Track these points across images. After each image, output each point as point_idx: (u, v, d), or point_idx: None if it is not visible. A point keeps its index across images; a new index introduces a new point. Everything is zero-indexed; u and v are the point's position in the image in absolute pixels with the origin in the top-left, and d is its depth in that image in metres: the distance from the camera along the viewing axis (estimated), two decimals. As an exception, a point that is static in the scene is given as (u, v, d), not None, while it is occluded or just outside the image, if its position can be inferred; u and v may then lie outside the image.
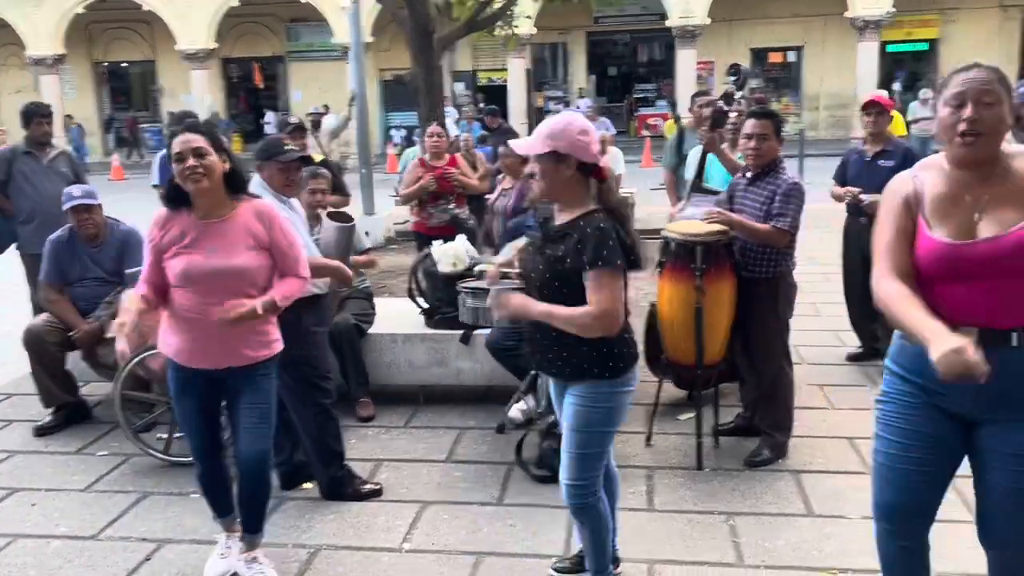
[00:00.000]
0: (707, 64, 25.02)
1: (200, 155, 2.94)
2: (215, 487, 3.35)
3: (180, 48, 24.96)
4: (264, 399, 3.19)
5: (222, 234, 3.04)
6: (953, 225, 2.26)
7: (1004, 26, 24.17)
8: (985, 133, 2.21)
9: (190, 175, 2.93)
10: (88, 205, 4.92)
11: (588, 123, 2.71)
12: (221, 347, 3.07)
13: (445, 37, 8.29)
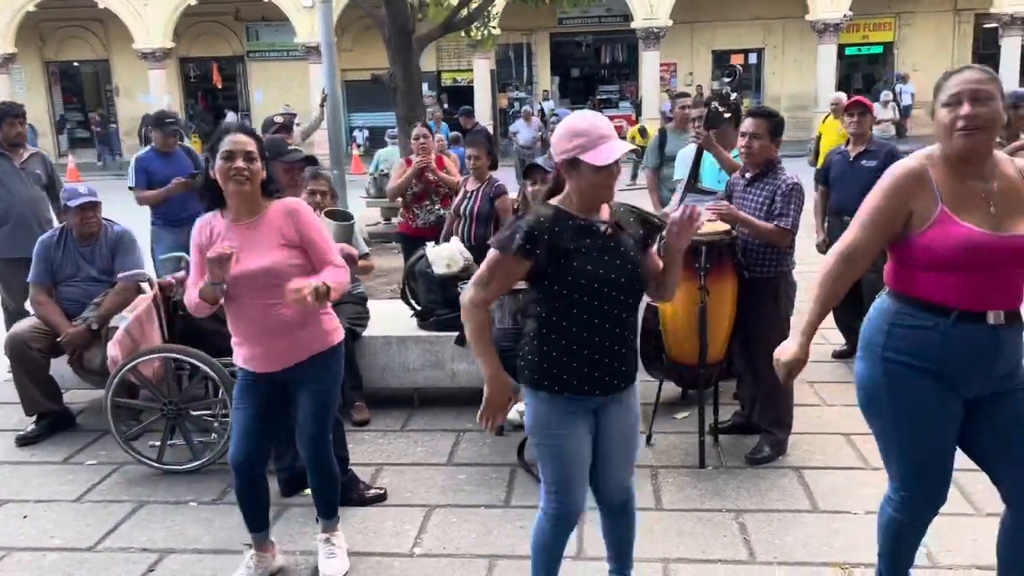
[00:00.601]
0: (669, 66, 25.26)
1: (250, 159, 2.94)
2: (252, 500, 3.28)
3: (137, 47, 24.47)
4: (319, 396, 3.20)
5: (250, 237, 3.03)
6: (978, 217, 2.37)
7: (958, 29, 24.77)
8: (982, 128, 2.35)
9: (235, 175, 2.92)
10: (94, 203, 4.82)
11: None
12: (278, 351, 3.08)
13: (423, 37, 8.24)
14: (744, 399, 4.59)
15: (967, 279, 2.39)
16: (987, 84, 2.38)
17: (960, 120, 2.35)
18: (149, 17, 24.36)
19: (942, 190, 2.41)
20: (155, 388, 4.24)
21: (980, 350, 2.42)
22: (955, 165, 2.44)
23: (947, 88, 2.42)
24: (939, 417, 2.51)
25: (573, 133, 2.49)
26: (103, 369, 4.61)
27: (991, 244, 2.35)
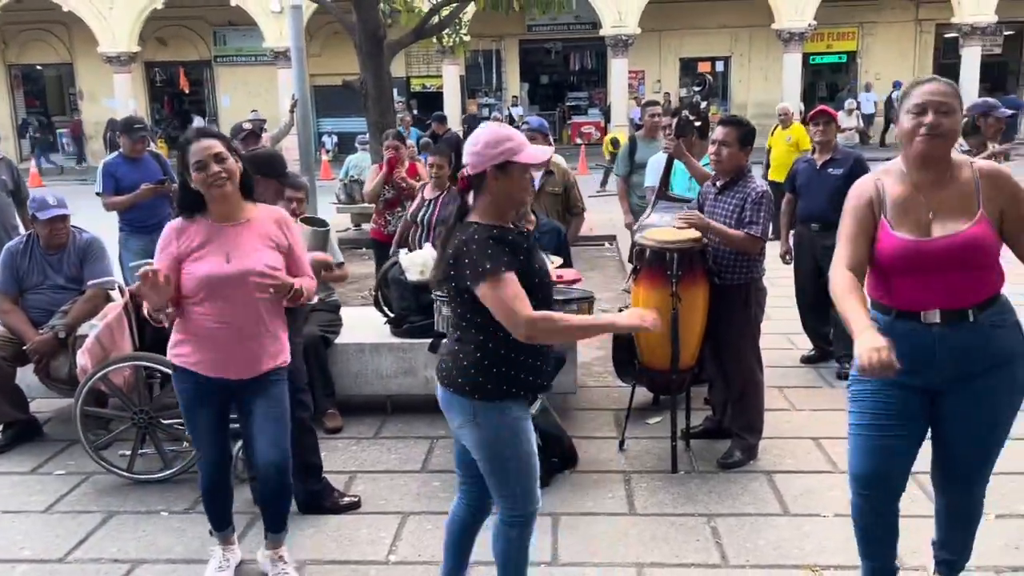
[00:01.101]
0: (637, 73, 25.45)
1: (221, 160, 2.95)
2: (220, 501, 3.32)
3: (102, 51, 24.14)
4: (279, 404, 3.20)
5: (238, 238, 3.04)
6: (911, 223, 2.59)
7: (919, 39, 25.25)
8: (941, 135, 2.53)
9: (215, 181, 2.93)
10: (65, 215, 4.77)
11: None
12: (245, 356, 3.07)
13: (394, 43, 8.24)
14: (715, 404, 4.65)
15: (905, 282, 2.61)
16: (950, 97, 2.56)
17: (923, 128, 2.52)
18: (114, 20, 24.04)
19: (887, 202, 2.63)
20: (126, 397, 4.19)
21: (918, 347, 2.60)
22: (911, 173, 2.62)
23: (912, 97, 2.58)
24: (876, 404, 2.70)
25: (499, 139, 2.53)
26: (71, 378, 4.56)
27: (920, 248, 2.56)
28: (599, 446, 4.53)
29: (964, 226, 2.53)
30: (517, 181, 2.58)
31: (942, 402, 2.69)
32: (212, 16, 26.00)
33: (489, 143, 2.55)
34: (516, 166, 2.54)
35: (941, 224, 2.56)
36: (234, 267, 2.99)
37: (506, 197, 2.59)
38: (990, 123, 5.57)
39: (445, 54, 23.03)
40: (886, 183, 2.66)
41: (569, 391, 4.99)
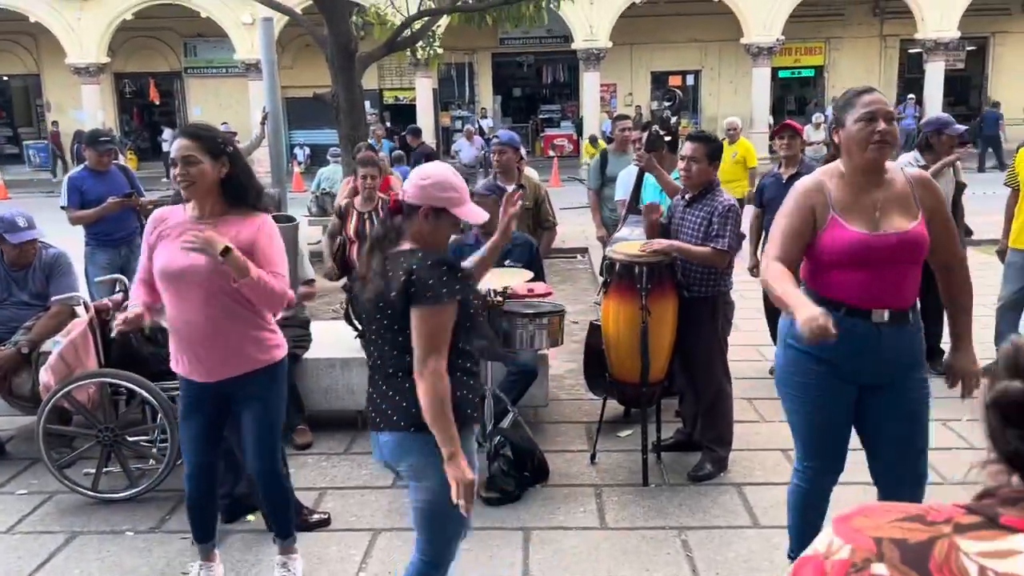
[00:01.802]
0: (609, 86, 25.63)
1: (189, 163, 2.92)
2: (202, 513, 3.27)
3: (70, 62, 23.87)
4: (265, 411, 3.15)
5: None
6: (862, 221, 2.73)
7: (884, 54, 25.68)
8: (891, 143, 2.71)
9: (180, 181, 2.93)
10: (35, 238, 4.71)
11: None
12: (212, 357, 3.01)
13: (365, 56, 8.23)
14: (686, 416, 4.67)
15: (856, 277, 2.73)
16: (890, 106, 2.78)
17: (876, 135, 2.68)
18: (83, 31, 23.80)
19: (835, 199, 2.76)
20: (90, 414, 4.13)
21: (864, 344, 2.74)
22: (854, 177, 2.77)
23: (859, 106, 2.72)
24: (830, 398, 2.85)
25: (447, 185, 2.53)
26: (33, 395, 4.48)
27: (871, 242, 2.70)
28: (570, 459, 4.53)
29: (910, 224, 2.73)
30: (444, 229, 2.57)
31: (877, 399, 2.85)
32: (182, 27, 25.83)
33: (437, 185, 2.53)
34: (449, 216, 2.54)
35: (888, 222, 2.72)
36: (186, 260, 2.92)
37: (429, 238, 2.54)
38: (943, 140, 5.66)
39: (418, 67, 23.06)
40: (829, 184, 2.79)
41: (540, 404, 5.00)
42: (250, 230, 3.03)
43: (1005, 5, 24.40)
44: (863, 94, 2.75)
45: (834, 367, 2.80)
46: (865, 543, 0.98)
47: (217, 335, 3.00)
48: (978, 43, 25.21)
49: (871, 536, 0.98)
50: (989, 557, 0.91)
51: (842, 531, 1.01)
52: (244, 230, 3.03)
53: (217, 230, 2.96)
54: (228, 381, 3.07)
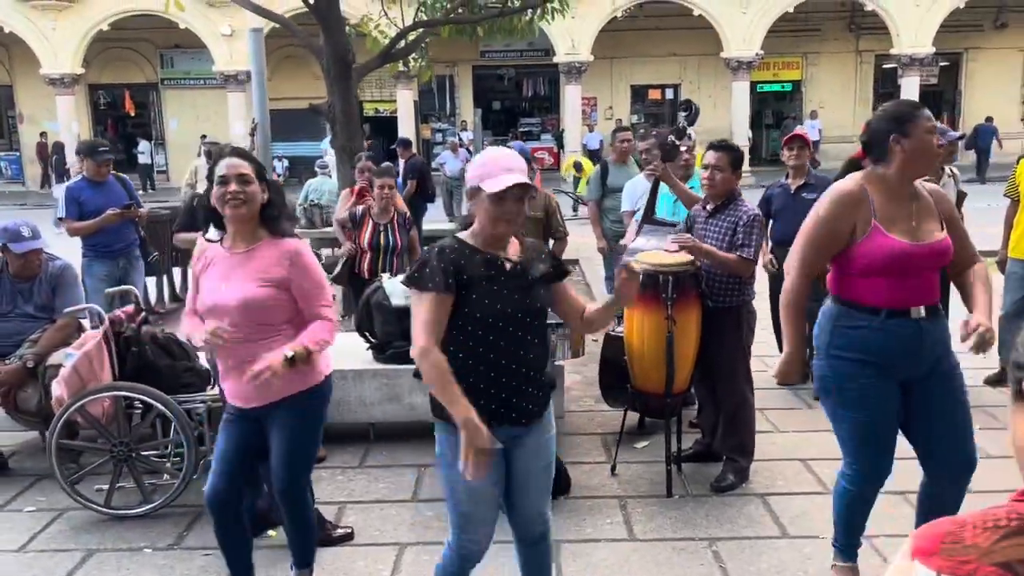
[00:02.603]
0: (590, 100, 25.75)
1: (245, 182, 2.87)
2: (232, 544, 3.15)
3: (44, 72, 23.54)
4: (292, 436, 3.05)
5: (239, 267, 2.96)
6: (903, 231, 2.84)
7: (860, 69, 26.04)
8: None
9: (230, 200, 2.86)
10: (38, 248, 4.61)
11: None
12: (250, 386, 2.92)
13: (360, 68, 8.18)
14: (705, 427, 4.65)
15: (894, 282, 2.85)
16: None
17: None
18: (58, 42, 23.50)
19: (876, 208, 2.84)
20: (104, 428, 4.03)
21: (906, 341, 2.88)
22: (902, 187, 2.88)
23: (924, 118, 2.85)
24: (882, 399, 2.94)
25: (479, 163, 2.55)
26: (39, 410, 4.37)
27: (912, 252, 2.82)
28: (589, 471, 4.49)
29: (940, 234, 2.88)
30: (484, 208, 2.51)
31: (919, 391, 2.96)
32: (159, 38, 25.58)
33: (476, 163, 2.57)
34: (482, 193, 2.49)
35: (924, 230, 2.86)
36: (222, 296, 2.93)
37: (480, 224, 2.55)
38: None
39: (399, 79, 23.01)
40: (870, 190, 2.87)
41: (558, 415, 4.94)
42: (282, 262, 2.95)
43: (978, 22, 24.85)
44: (922, 109, 2.88)
45: (880, 367, 2.91)
46: (989, 572, 0.91)
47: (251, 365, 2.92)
48: (951, 59, 25.66)
49: (991, 563, 0.91)
50: None
51: (944, 566, 0.93)
52: (274, 264, 2.95)
53: (255, 259, 2.94)
54: (265, 406, 3.02)
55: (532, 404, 2.62)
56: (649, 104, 27.10)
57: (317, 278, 3.05)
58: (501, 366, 2.54)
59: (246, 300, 2.91)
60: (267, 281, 2.93)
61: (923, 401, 2.98)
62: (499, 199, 2.46)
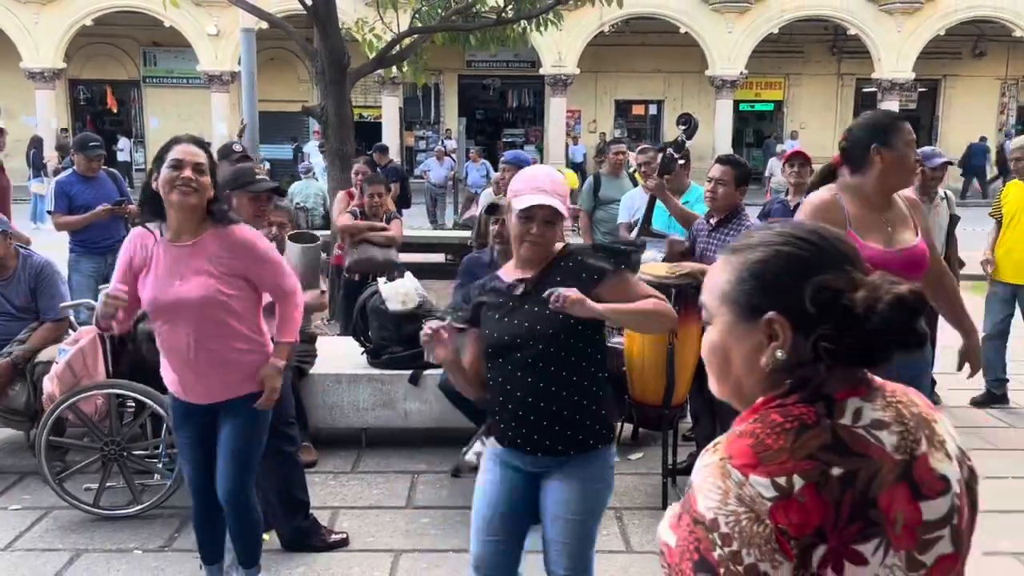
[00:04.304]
0: (574, 113, 25.87)
1: (199, 171, 2.79)
2: (207, 527, 3.13)
3: (24, 66, 23.24)
4: (242, 433, 3.00)
5: (184, 260, 2.84)
6: (877, 237, 2.86)
7: (840, 91, 26.40)
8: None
9: (181, 185, 2.74)
10: None
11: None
12: (202, 383, 2.89)
13: (354, 72, 8.15)
14: (699, 439, 4.65)
15: None
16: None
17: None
18: (40, 35, 23.22)
19: (850, 216, 2.85)
20: (95, 426, 3.96)
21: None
22: (877, 196, 2.90)
23: (905, 132, 2.90)
24: None
25: (518, 179, 2.52)
26: (27, 408, 4.29)
27: (887, 257, 2.82)
28: (584, 482, 4.48)
29: (915, 240, 2.92)
30: (511, 225, 2.48)
31: None
32: (142, 36, 25.36)
33: (516, 178, 2.54)
34: (511, 211, 2.46)
35: (898, 237, 2.90)
36: (168, 294, 2.82)
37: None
38: (925, 172, 5.80)
39: (385, 85, 22.97)
40: (844, 199, 2.88)
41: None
42: (234, 250, 2.89)
43: (957, 50, 25.31)
44: (903, 121, 2.91)
45: None
46: (803, 464, 1.07)
47: (204, 363, 2.89)
48: (930, 85, 26.11)
49: (800, 457, 1.07)
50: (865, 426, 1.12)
51: (771, 471, 1.07)
52: (227, 248, 2.88)
53: (196, 250, 2.85)
54: (217, 403, 2.99)
55: (547, 438, 2.44)
56: (632, 119, 27.27)
57: (269, 256, 3.00)
58: (507, 392, 2.46)
59: (207, 296, 2.82)
60: (223, 270, 2.85)
61: None
62: (524, 218, 2.41)
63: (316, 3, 7.56)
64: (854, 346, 1.13)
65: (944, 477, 1.14)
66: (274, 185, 3.73)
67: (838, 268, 1.16)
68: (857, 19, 23.41)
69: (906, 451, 1.12)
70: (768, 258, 1.18)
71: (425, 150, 24.39)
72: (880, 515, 1.08)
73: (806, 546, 1.05)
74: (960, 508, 1.16)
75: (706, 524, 1.07)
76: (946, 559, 1.13)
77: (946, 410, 5.77)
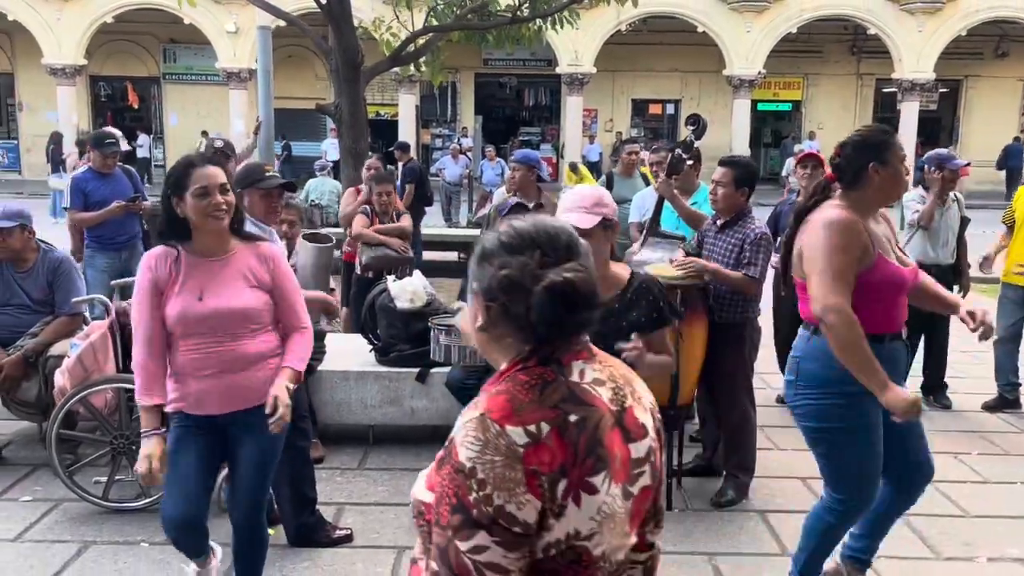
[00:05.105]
0: (591, 112, 25.83)
1: (224, 191, 2.78)
2: (192, 546, 3.00)
3: (46, 62, 23.49)
4: (266, 447, 2.92)
5: (215, 273, 2.83)
6: (891, 256, 2.90)
7: (860, 92, 26.22)
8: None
9: (214, 212, 2.74)
10: (6, 228, 4.52)
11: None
12: (229, 391, 2.83)
13: (368, 70, 8.19)
14: (706, 442, 4.65)
15: (891, 306, 2.90)
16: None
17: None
18: (61, 32, 23.45)
19: (871, 236, 2.84)
20: (105, 420, 4.00)
21: (899, 361, 2.98)
22: (866, 212, 2.89)
23: (898, 147, 2.92)
24: (879, 429, 2.94)
25: (564, 199, 2.88)
26: (38, 401, 4.35)
27: (906, 275, 2.91)
28: (590, 482, 4.49)
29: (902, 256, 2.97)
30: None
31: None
32: (162, 33, 25.56)
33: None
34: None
35: (899, 254, 2.95)
36: (207, 305, 2.78)
37: None
38: (944, 175, 5.77)
39: (402, 83, 23.03)
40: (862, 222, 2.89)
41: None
42: (265, 270, 2.90)
43: (979, 50, 25.06)
44: (894, 136, 2.97)
45: (874, 397, 2.80)
46: (548, 412, 1.31)
47: (234, 372, 2.83)
48: (951, 86, 25.87)
49: (547, 407, 1.31)
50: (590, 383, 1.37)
51: (526, 420, 1.29)
52: (258, 268, 2.89)
53: (236, 263, 2.85)
54: (236, 412, 2.86)
55: None
56: (649, 118, 27.19)
57: (293, 281, 3.01)
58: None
59: (248, 305, 2.82)
60: (258, 283, 2.87)
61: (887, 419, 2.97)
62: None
63: (330, 1, 7.60)
64: (532, 320, 1.33)
65: (644, 425, 1.43)
66: (285, 181, 3.75)
67: (523, 255, 1.36)
68: (877, 19, 23.23)
69: (618, 403, 1.39)
70: (478, 247, 1.42)
71: (441, 148, 24.43)
72: (606, 453, 1.33)
73: (553, 481, 1.28)
74: (655, 449, 1.45)
75: (466, 472, 1.26)
76: (647, 489, 1.42)
77: (958, 414, 5.73)
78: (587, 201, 2.76)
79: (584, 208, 2.75)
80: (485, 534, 1.25)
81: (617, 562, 1.36)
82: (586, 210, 2.73)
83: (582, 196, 2.81)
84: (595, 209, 2.74)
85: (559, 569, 1.31)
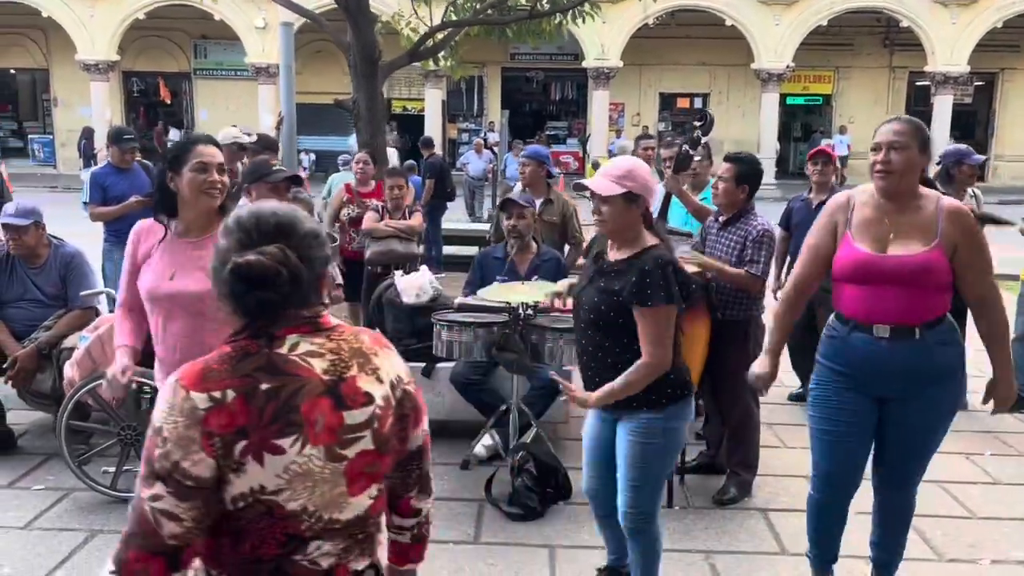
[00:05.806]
0: (617, 105, 25.72)
1: (222, 171, 2.83)
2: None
3: (80, 58, 23.88)
4: None
5: (193, 255, 2.83)
6: (871, 240, 2.87)
7: (892, 85, 25.80)
8: (894, 172, 2.83)
9: (209, 189, 2.78)
10: (16, 225, 4.61)
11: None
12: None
13: (386, 65, 8.23)
14: (711, 439, 4.63)
15: (860, 293, 2.87)
16: (904, 135, 2.86)
17: (878, 164, 2.86)
18: (94, 28, 23.83)
19: (854, 218, 2.90)
20: (113, 411, 4.08)
21: (869, 357, 2.89)
22: (877, 199, 2.92)
23: (876, 135, 2.93)
24: (846, 409, 2.98)
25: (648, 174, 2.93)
26: (53, 392, 4.44)
27: (871, 263, 2.85)
28: (592, 478, 4.49)
29: (920, 249, 2.81)
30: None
31: (889, 409, 2.97)
32: (193, 28, 25.88)
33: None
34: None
35: (900, 244, 2.85)
36: (174, 285, 2.79)
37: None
38: (963, 170, 5.67)
39: (428, 78, 23.10)
40: (857, 200, 2.95)
41: (560, 421, 4.97)
42: None
43: (1015, 42, 24.54)
44: (885, 124, 2.95)
45: (849, 377, 2.96)
46: (237, 380, 1.48)
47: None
48: (986, 79, 25.38)
49: (238, 376, 1.48)
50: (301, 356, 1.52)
51: (213, 387, 1.48)
52: None
53: (201, 247, 2.80)
54: None
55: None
56: (677, 112, 26.98)
57: None
58: (579, 346, 3.06)
59: (195, 290, 2.75)
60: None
61: (893, 420, 2.99)
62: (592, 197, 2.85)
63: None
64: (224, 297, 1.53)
65: (368, 393, 1.55)
66: (291, 174, 3.79)
67: (227, 240, 1.56)
68: (910, 11, 22.84)
69: (335, 374, 1.53)
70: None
71: (468, 143, 24.46)
72: (301, 418, 1.47)
73: (229, 441, 1.43)
74: (382, 417, 1.58)
75: (155, 430, 1.46)
76: (368, 453, 1.55)
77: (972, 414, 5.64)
78: (617, 171, 2.82)
79: (611, 176, 2.81)
80: (162, 485, 1.43)
81: (333, 519, 1.52)
82: (612, 178, 2.79)
83: (616, 165, 2.88)
84: (621, 180, 2.78)
85: (252, 520, 1.47)
